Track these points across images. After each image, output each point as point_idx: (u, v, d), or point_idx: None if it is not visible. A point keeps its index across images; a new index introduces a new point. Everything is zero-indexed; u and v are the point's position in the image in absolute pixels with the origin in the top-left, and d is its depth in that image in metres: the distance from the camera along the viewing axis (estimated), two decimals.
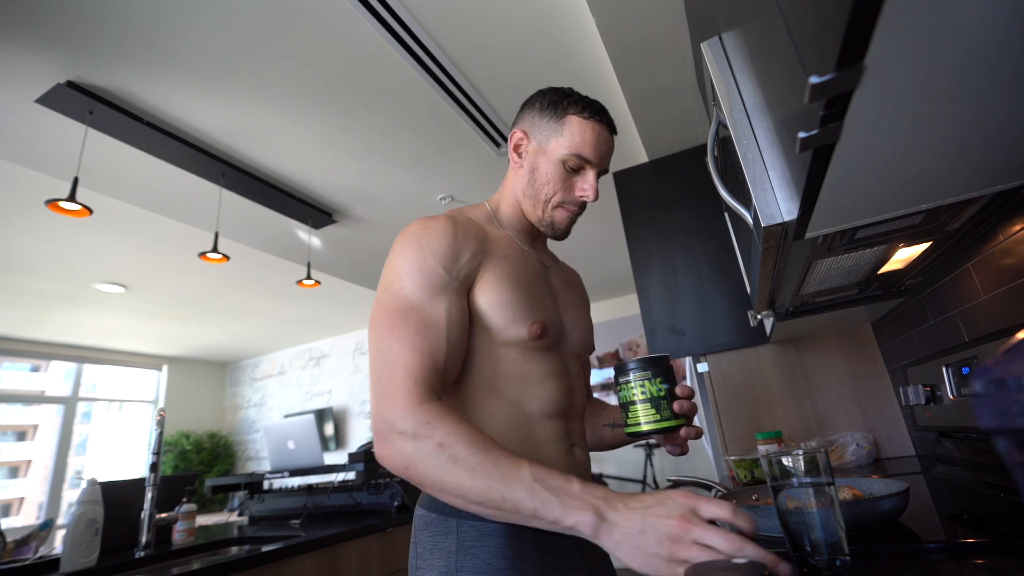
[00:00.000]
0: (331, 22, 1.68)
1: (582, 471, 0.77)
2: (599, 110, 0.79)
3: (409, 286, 0.68)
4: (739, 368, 1.81)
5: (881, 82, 0.34)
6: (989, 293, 0.87)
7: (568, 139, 0.76)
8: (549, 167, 0.78)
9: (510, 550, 0.66)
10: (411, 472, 0.58)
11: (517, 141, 0.82)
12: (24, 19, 1.56)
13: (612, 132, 0.81)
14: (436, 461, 0.57)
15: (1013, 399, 0.25)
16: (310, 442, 2.11)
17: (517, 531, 0.67)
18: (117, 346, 5.24)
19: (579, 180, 0.78)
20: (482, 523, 0.67)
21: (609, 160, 0.81)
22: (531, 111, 0.81)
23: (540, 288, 0.78)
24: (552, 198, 0.78)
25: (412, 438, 0.58)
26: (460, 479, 0.56)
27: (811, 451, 0.55)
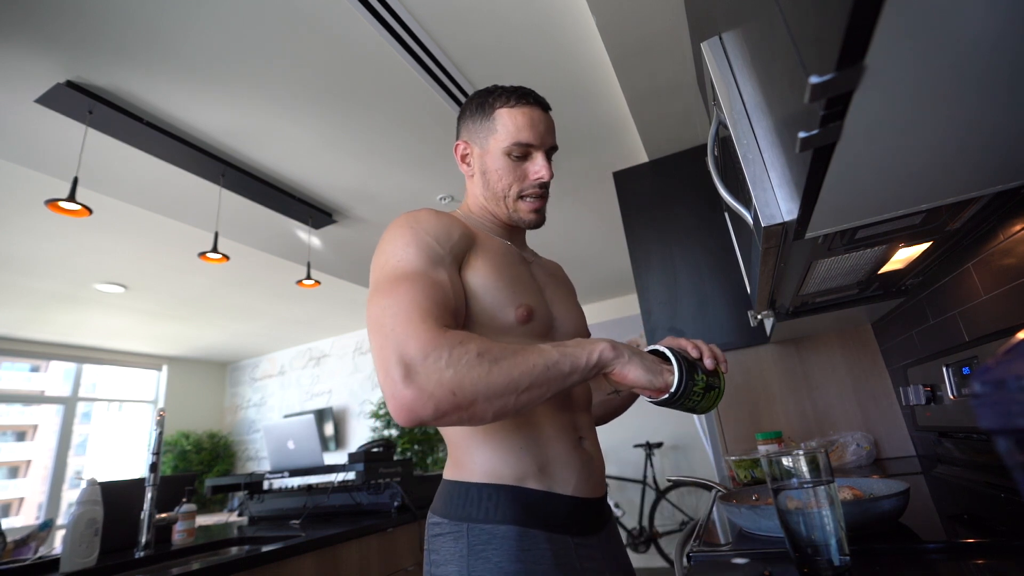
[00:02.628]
0: (331, 22, 1.68)
1: (591, 464, 0.75)
2: (524, 94, 0.80)
3: (408, 258, 0.67)
4: (739, 368, 1.81)
5: (881, 82, 0.34)
6: (989, 293, 0.87)
7: (503, 132, 0.78)
8: (496, 163, 0.79)
9: (523, 552, 0.64)
10: (460, 393, 0.54)
11: (462, 152, 0.84)
12: (24, 19, 1.56)
13: (545, 110, 0.82)
14: (482, 368, 0.56)
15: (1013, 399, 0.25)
16: (310, 442, 2.11)
17: (527, 533, 0.66)
18: (117, 346, 5.24)
19: (529, 165, 0.79)
20: (492, 526, 0.66)
21: (552, 137, 0.82)
22: (465, 120, 0.84)
23: (524, 277, 0.79)
24: (510, 191, 0.80)
25: (449, 358, 0.55)
26: (509, 372, 0.56)
27: (811, 451, 0.55)
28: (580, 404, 0.79)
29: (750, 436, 1.71)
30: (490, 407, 0.56)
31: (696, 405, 0.67)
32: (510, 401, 0.57)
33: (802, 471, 0.55)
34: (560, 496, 0.69)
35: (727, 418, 1.77)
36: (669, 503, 4.17)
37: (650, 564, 4.21)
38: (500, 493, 0.67)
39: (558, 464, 0.71)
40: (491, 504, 0.67)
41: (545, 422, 0.72)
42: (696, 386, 0.65)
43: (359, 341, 5.76)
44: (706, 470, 4.24)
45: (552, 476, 0.70)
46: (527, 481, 0.68)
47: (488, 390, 0.55)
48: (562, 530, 0.68)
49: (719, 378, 0.68)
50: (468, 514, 0.67)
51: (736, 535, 0.81)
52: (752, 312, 1.28)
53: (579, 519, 0.70)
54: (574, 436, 0.75)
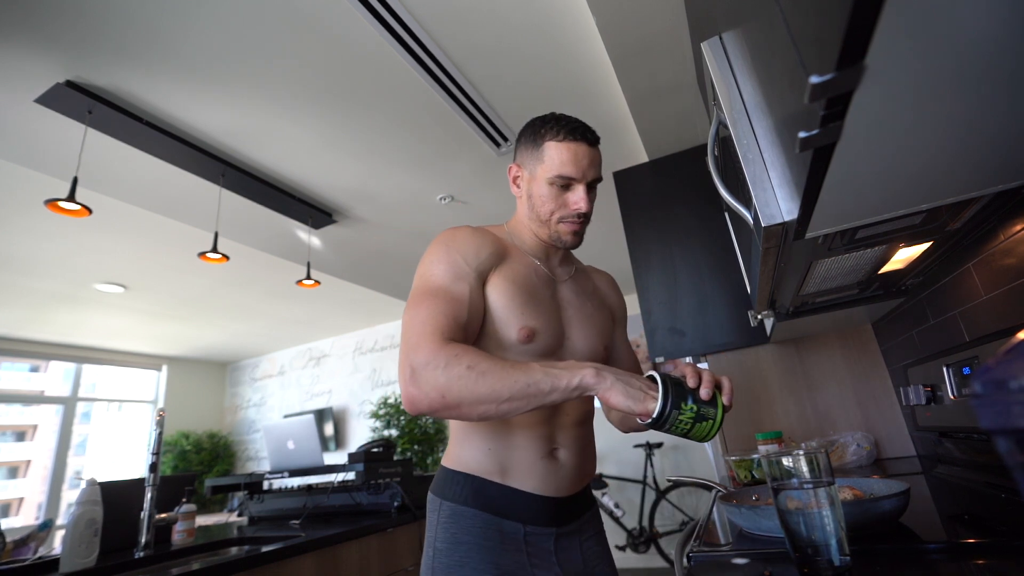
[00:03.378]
0: (331, 22, 1.68)
1: (561, 471, 0.84)
2: (574, 129, 0.86)
3: (437, 274, 0.80)
4: (739, 368, 1.80)
5: (881, 82, 0.34)
6: (990, 293, 0.87)
7: (548, 164, 0.85)
8: (541, 190, 0.87)
9: (475, 528, 0.79)
10: (447, 396, 0.67)
11: (514, 175, 0.92)
12: (24, 19, 1.56)
13: (591, 144, 0.87)
14: (469, 378, 0.67)
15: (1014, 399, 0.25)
16: (310, 442, 2.11)
17: (481, 516, 0.80)
18: (117, 346, 5.24)
19: (570, 195, 0.86)
20: (455, 505, 0.81)
21: (596, 170, 0.87)
22: (520, 145, 0.92)
23: (541, 298, 0.87)
24: (552, 216, 0.87)
25: (444, 368, 0.68)
26: (492, 385, 0.67)
27: (811, 451, 0.55)
28: (567, 419, 0.87)
29: (750, 436, 1.71)
30: (474, 410, 0.68)
31: (687, 432, 0.67)
32: (491, 408, 0.67)
33: (802, 471, 0.55)
34: (516, 491, 0.82)
35: (727, 418, 1.77)
36: (669, 503, 4.17)
37: (650, 564, 4.21)
38: (467, 480, 0.83)
39: (518, 469, 0.82)
40: (459, 488, 0.83)
41: (519, 433, 0.83)
42: (683, 414, 0.65)
43: (359, 341, 5.76)
44: (706, 470, 4.24)
45: (511, 477, 0.82)
46: (489, 475, 0.82)
47: (472, 397, 0.67)
48: (514, 518, 0.81)
49: (716, 409, 0.67)
50: (444, 493, 0.84)
51: (736, 535, 0.81)
52: (752, 312, 1.28)
53: (535, 512, 0.82)
54: (545, 447, 0.84)
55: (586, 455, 0.90)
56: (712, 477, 2.25)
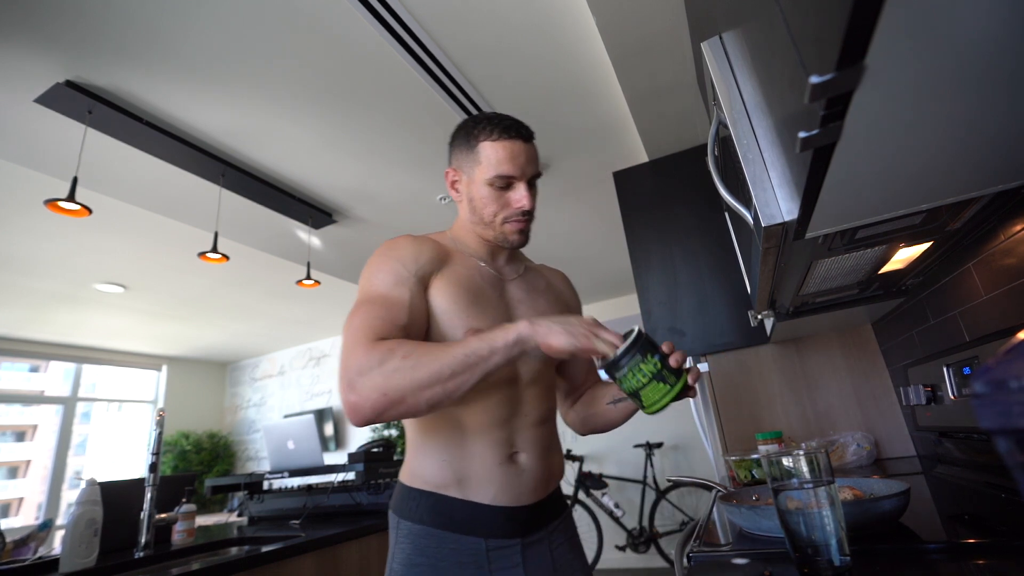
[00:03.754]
0: (331, 22, 1.68)
1: (522, 477, 0.80)
2: (507, 127, 0.84)
3: (376, 282, 0.78)
4: (739, 368, 1.80)
5: (882, 82, 0.34)
6: (990, 293, 0.87)
7: (486, 165, 0.83)
8: (481, 192, 0.85)
9: (428, 548, 0.76)
10: (389, 393, 0.64)
11: (452, 179, 0.90)
12: (24, 19, 1.56)
13: (527, 140, 0.85)
14: (406, 368, 0.65)
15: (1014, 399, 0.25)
16: (310, 442, 2.11)
17: (435, 533, 0.77)
18: (117, 346, 5.23)
19: (512, 194, 0.84)
20: (410, 524, 0.78)
21: (535, 166, 0.86)
22: (453, 149, 0.89)
23: (487, 299, 0.85)
24: (496, 217, 0.85)
25: (379, 366, 0.65)
26: (430, 367, 0.65)
27: (811, 451, 0.55)
28: (527, 419, 0.83)
29: (750, 436, 1.71)
30: (420, 399, 0.65)
31: (640, 387, 0.66)
32: (438, 391, 0.65)
33: (802, 471, 0.55)
34: (476, 504, 0.77)
35: (727, 418, 1.77)
36: (669, 503, 4.17)
37: (650, 564, 4.21)
38: (421, 497, 0.79)
39: (476, 478, 0.78)
40: (414, 504, 0.79)
41: (474, 439, 0.79)
42: (645, 364, 0.65)
43: None
44: (706, 470, 4.24)
45: (469, 488, 0.78)
46: (446, 489, 0.78)
47: (413, 385, 0.65)
48: (475, 533, 0.77)
49: (677, 379, 0.67)
50: (400, 510, 0.81)
51: (736, 535, 0.81)
52: (752, 312, 1.28)
53: (496, 525, 0.78)
54: (504, 452, 0.80)
55: (550, 457, 0.86)
56: (712, 477, 2.25)
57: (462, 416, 0.79)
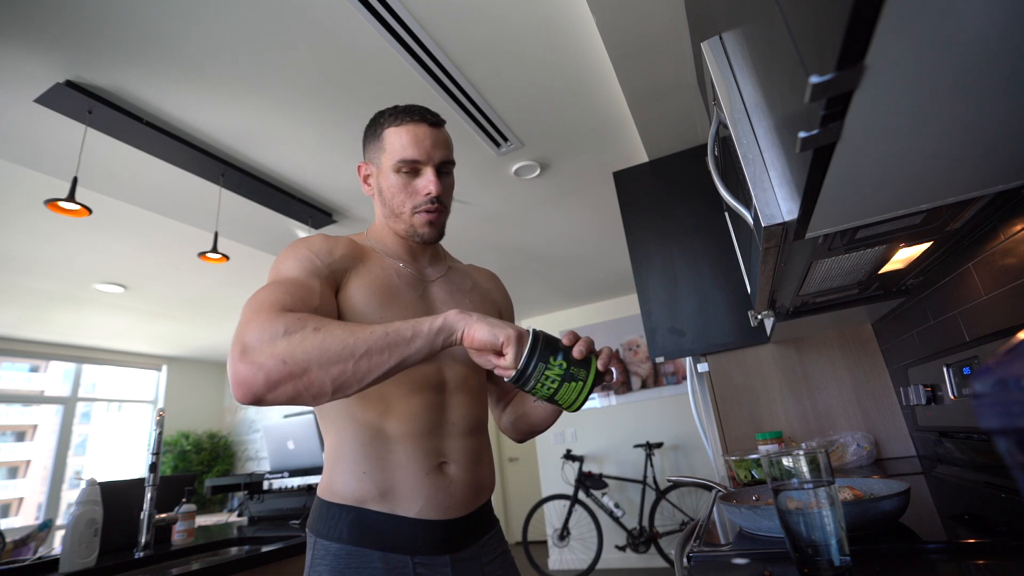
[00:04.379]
0: (331, 22, 1.68)
1: (450, 488, 0.76)
2: (410, 111, 0.82)
3: (286, 268, 0.73)
4: (739, 368, 1.80)
5: (882, 82, 0.34)
6: (990, 293, 0.87)
7: (390, 150, 0.81)
8: (388, 181, 0.82)
9: (349, 569, 0.70)
10: (290, 361, 0.57)
11: (364, 173, 0.87)
12: (23, 19, 1.56)
13: (432, 125, 0.82)
14: (315, 339, 0.58)
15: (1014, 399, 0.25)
16: (310, 442, 2.11)
17: (357, 552, 0.70)
18: (117, 346, 5.23)
19: (419, 180, 0.81)
20: (328, 542, 0.72)
21: (444, 151, 0.83)
22: (365, 142, 0.87)
23: (404, 300, 0.81)
24: (404, 207, 0.82)
25: (284, 335, 0.58)
26: (344, 340, 0.59)
27: (811, 451, 0.55)
28: (455, 428, 0.79)
29: (750, 436, 1.71)
30: (326, 375, 0.58)
31: (554, 392, 0.63)
32: (347, 368, 0.58)
33: (802, 471, 0.55)
34: (402, 518, 0.72)
35: (727, 418, 1.77)
36: (669, 503, 4.17)
37: (650, 564, 4.21)
38: (340, 512, 0.73)
39: (402, 490, 0.73)
40: (333, 522, 0.73)
41: (398, 447, 0.74)
42: (550, 369, 0.63)
43: None
44: (706, 470, 4.24)
45: (394, 501, 0.73)
46: (367, 503, 0.72)
47: (321, 356, 0.58)
48: (400, 550, 0.71)
49: (587, 371, 0.64)
50: (317, 528, 0.74)
51: (736, 535, 0.81)
52: (752, 312, 1.28)
53: (424, 540, 0.73)
54: (431, 462, 0.75)
55: (480, 469, 0.81)
56: (712, 477, 2.25)
57: (384, 424, 0.74)
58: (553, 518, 4.66)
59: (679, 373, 4.60)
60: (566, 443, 4.79)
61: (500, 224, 3.26)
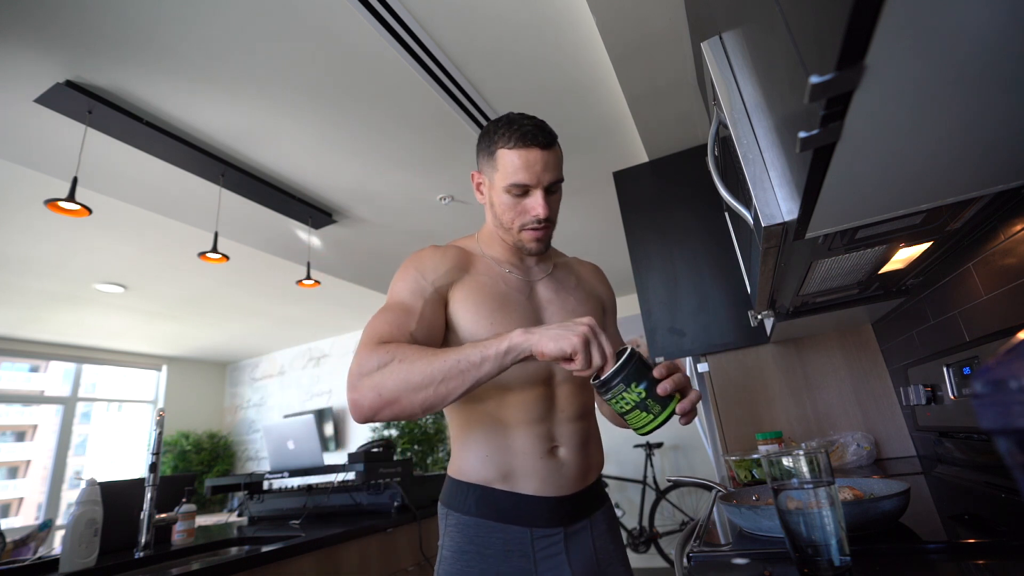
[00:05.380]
0: (332, 22, 1.68)
1: (563, 470, 0.84)
2: (525, 134, 0.84)
3: (396, 291, 0.84)
4: (739, 368, 1.80)
5: (882, 82, 0.34)
6: (990, 293, 0.87)
7: (502, 172, 0.85)
8: (500, 199, 0.87)
9: (477, 537, 0.80)
10: (384, 394, 0.69)
11: (477, 182, 0.93)
12: (23, 19, 1.56)
13: (544, 148, 0.85)
14: (400, 370, 0.69)
15: (1014, 399, 0.25)
16: (310, 442, 2.11)
17: (483, 524, 0.81)
18: (116, 346, 5.23)
19: (528, 201, 0.85)
20: (459, 515, 0.83)
21: (553, 173, 0.86)
22: (479, 152, 0.91)
23: (513, 304, 0.87)
24: (513, 223, 0.87)
25: (378, 369, 0.70)
26: (423, 370, 0.68)
27: (811, 451, 0.55)
28: (563, 415, 0.86)
29: (750, 436, 1.71)
30: (414, 400, 0.69)
31: (625, 412, 0.66)
32: (429, 393, 0.68)
33: (802, 471, 0.55)
34: (521, 495, 0.81)
35: (727, 418, 1.77)
36: (669, 503, 4.17)
37: (650, 564, 4.21)
38: (469, 490, 0.83)
39: (520, 473, 0.82)
40: (462, 497, 0.83)
41: (515, 433, 0.83)
42: (628, 393, 0.65)
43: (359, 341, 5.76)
44: (706, 470, 4.24)
45: (514, 481, 0.82)
46: (492, 483, 0.82)
47: (406, 386, 0.68)
48: (521, 523, 0.81)
49: (665, 408, 0.65)
50: (449, 503, 0.85)
51: (736, 535, 0.81)
52: (752, 312, 1.28)
53: (541, 515, 0.81)
54: (544, 446, 0.83)
55: (589, 450, 0.89)
56: (712, 477, 2.25)
57: (502, 413, 0.83)
58: None
59: None
60: None
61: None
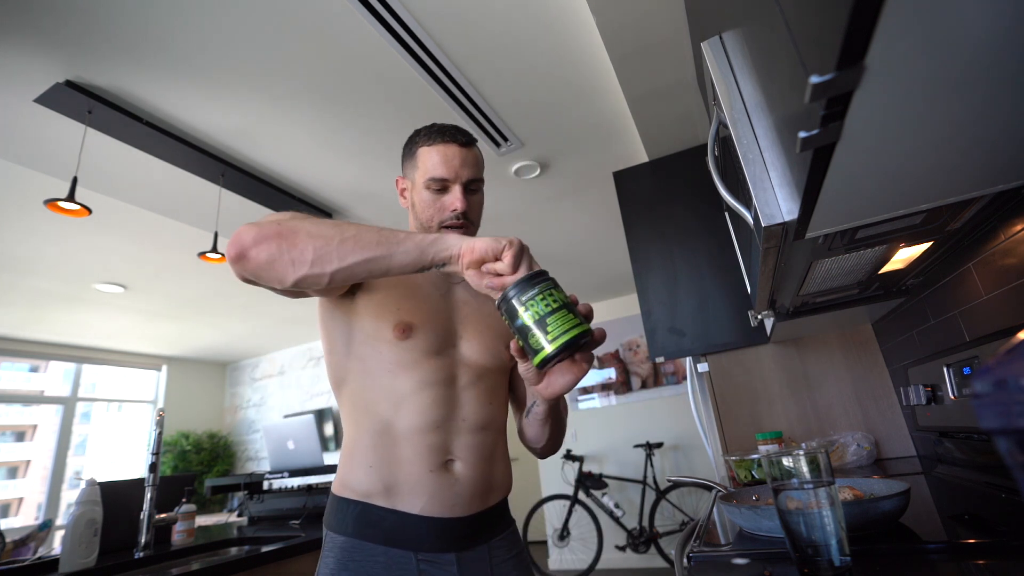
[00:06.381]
0: (332, 22, 1.67)
1: (456, 487, 0.75)
2: (442, 132, 0.86)
3: None
4: (739, 368, 1.80)
5: (882, 82, 0.34)
6: (990, 293, 0.87)
7: (422, 169, 0.86)
8: (420, 196, 0.87)
9: (352, 562, 0.72)
10: (284, 226, 0.64)
11: (401, 187, 0.93)
12: (23, 19, 1.56)
13: (463, 145, 0.87)
14: (311, 220, 0.66)
15: (1014, 399, 0.25)
16: (310, 442, 2.11)
17: (362, 546, 0.73)
18: (116, 346, 5.23)
19: (446, 197, 0.85)
20: (334, 535, 0.75)
21: (472, 170, 0.87)
22: (403, 158, 0.93)
23: (425, 295, 0.83)
24: (433, 221, 0.86)
25: (285, 217, 0.67)
26: (337, 223, 0.65)
27: (811, 451, 0.55)
28: (464, 424, 0.79)
29: (750, 436, 1.71)
30: (309, 242, 0.63)
31: (550, 313, 0.58)
32: (332, 243, 0.63)
33: (802, 471, 0.55)
34: (405, 514, 0.73)
35: (727, 418, 1.77)
36: (669, 503, 4.17)
37: (650, 564, 4.21)
38: (348, 506, 0.75)
39: (405, 487, 0.74)
40: (341, 515, 0.76)
41: (404, 443, 0.75)
42: (557, 291, 0.60)
43: None
44: (706, 470, 4.24)
45: (397, 497, 0.74)
46: (373, 498, 0.74)
47: (312, 228, 0.64)
48: (403, 545, 0.73)
49: (580, 323, 0.59)
50: (329, 522, 0.77)
51: (736, 535, 0.81)
52: (752, 312, 1.28)
53: (427, 537, 0.73)
54: (437, 459, 0.75)
55: (490, 467, 0.80)
56: (712, 477, 2.25)
57: (392, 418, 0.76)
58: (553, 518, 4.66)
59: (679, 373, 4.60)
60: (566, 443, 4.79)
61: (500, 224, 3.25)
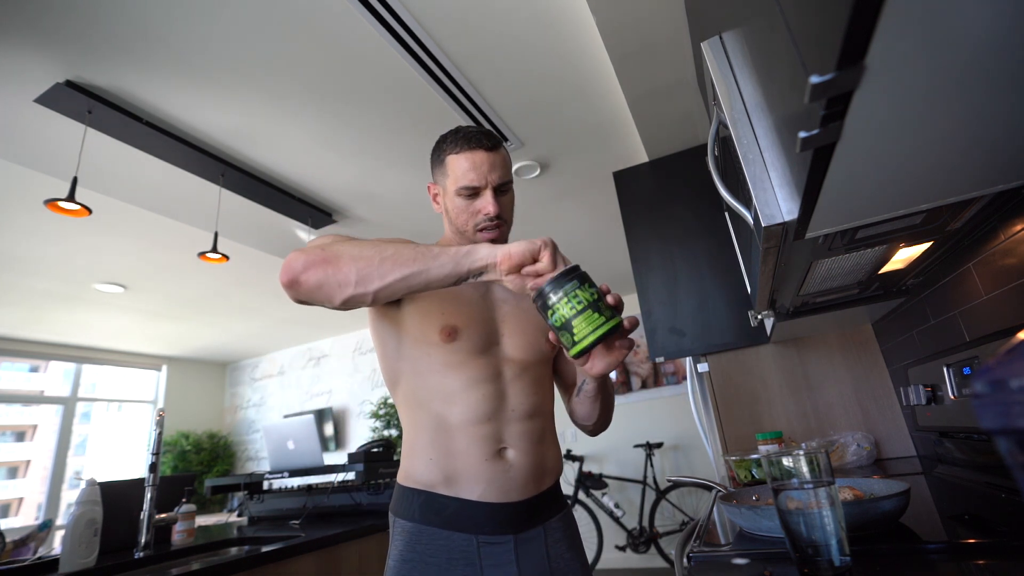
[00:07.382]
0: (332, 22, 1.67)
1: (510, 473, 0.81)
2: (470, 138, 0.88)
3: None
4: (739, 368, 1.80)
5: (882, 82, 0.34)
6: (990, 293, 0.87)
7: (452, 177, 0.88)
8: (453, 203, 0.89)
9: (418, 544, 0.79)
10: (327, 252, 0.71)
11: (433, 193, 0.95)
12: (23, 19, 1.56)
13: (490, 150, 0.88)
14: (351, 242, 0.72)
15: (1014, 399, 0.25)
16: (310, 442, 2.11)
17: (426, 530, 0.79)
18: (116, 346, 5.23)
19: (478, 202, 0.88)
20: (403, 521, 0.82)
21: (500, 173, 0.89)
22: (432, 165, 0.94)
23: (466, 298, 0.87)
24: (468, 225, 0.89)
25: (327, 243, 0.74)
26: (376, 244, 0.71)
27: (811, 451, 0.55)
28: (514, 413, 0.84)
29: (750, 436, 1.71)
30: (352, 266, 0.69)
31: (576, 315, 0.63)
32: (373, 264, 0.69)
33: (802, 471, 0.55)
34: (466, 501, 0.79)
35: (727, 418, 1.77)
36: (669, 503, 4.17)
37: (650, 564, 4.21)
38: (413, 495, 0.82)
39: (464, 476, 0.80)
40: (407, 503, 0.82)
41: (458, 436, 0.81)
42: (583, 290, 0.64)
43: (359, 341, 5.76)
44: (706, 470, 4.24)
45: (458, 485, 0.80)
46: (435, 487, 0.81)
47: (353, 251, 0.71)
48: (465, 529, 0.79)
49: (613, 315, 0.65)
50: (396, 510, 0.84)
51: (736, 535, 0.81)
52: (752, 312, 1.28)
53: (486, 521, 0.79)
54: (491, 448, 0.81)
55: (541, 453, 0.85)
56: (712, 477, 2.25)
57: (446, 414, 0.81)
58: None
59: (679, 373, 4.60)
60: (566, 443, 4.79)
61: None
